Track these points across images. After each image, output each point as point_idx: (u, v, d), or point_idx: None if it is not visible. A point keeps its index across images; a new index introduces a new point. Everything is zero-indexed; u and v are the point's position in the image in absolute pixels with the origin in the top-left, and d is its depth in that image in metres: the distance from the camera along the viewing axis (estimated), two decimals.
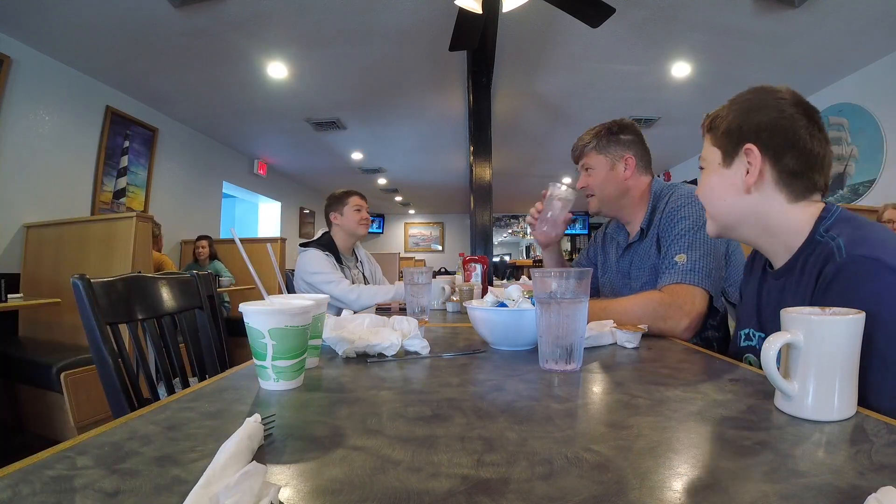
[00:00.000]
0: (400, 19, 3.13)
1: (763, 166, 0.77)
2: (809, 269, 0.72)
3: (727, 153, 0.81)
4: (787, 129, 0.76)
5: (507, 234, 13.55)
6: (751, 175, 0.77)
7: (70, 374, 2.28)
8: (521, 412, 0.56)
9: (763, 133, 0.77)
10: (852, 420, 0.52)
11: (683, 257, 1.15)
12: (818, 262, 0.70)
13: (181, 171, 4.93)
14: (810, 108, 0.77)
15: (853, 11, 2.92)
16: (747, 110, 0.79)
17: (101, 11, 2.85)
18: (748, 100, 0.80)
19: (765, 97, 0.79)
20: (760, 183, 0.78)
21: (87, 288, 0.94)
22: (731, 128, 0.80)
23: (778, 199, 0.77)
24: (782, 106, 0.77)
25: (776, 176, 0.77)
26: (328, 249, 2.20)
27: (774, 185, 0.77)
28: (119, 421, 0.53)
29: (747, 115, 0.78)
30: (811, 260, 0.72)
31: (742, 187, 0.79)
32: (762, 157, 0.77)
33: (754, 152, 0.77)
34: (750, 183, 0.78)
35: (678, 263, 1.16)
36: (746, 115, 0.79)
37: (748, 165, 0.78)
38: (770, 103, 0.78)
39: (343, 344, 0.87)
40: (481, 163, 4.52)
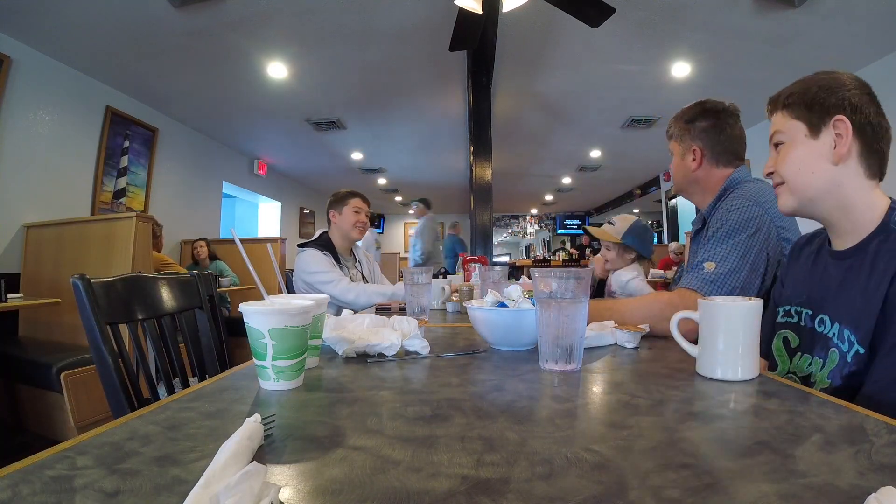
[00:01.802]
0: (400, 19, 3.13)
1: (853, 137, 0.78)
2: (887, 255, 0.73)
3: (813, 125, 0.81)
4: (866, 105, 0.78)
5: (507, 234, 13.55)
6: (842, 145, 0.78)
7: (70, 374, 2.28)
8: (521, 412, 0.56)
9: (848, 107, 0.78)
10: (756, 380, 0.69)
11: (712, 266, 1.12)
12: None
13: (181, 171, 4.93)
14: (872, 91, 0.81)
15: (853, 11, 2.92)
16: (827, 87, 0.81)
17: (101, 11, 2.85)
18: (823, 79, 0.82)
19: (837, 77, 0.81)
20: (848, 154, 0.79)
21: (87, 288, 0.94)
22: (816, 101, 0.81)
23: (859, 173, 0.79)
24: (855, 85, 0.80)
25: (859, 149, 0.79)
26: (326, 249, 2.19)
27: (858, 158, 0.79)
28: (119, 421, 0.53)
29: (829, 91, 0.80)
30: (886, 246, 0.74)
31: (831, 158, 0.79)
32: (852, 128, 0.78)
33: (846, 122, 0.78)
34: (842, 153, 0.78)
35: (705, 270, 1.12)
36: (829, 92, 0.80)
37: (836, 138, 0.79)
38: (845, 82, 0.80)
39: (343, 344, 0.87)
40: (481, 163, 4.52)
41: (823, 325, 0.82)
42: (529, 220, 13.15)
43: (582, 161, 7.07)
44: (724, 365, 0.70)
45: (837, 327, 0.78)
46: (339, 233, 2.30)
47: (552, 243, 12.94)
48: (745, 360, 0.70)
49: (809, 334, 0.85)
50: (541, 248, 13.35)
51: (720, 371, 0.70)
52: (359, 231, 2.31)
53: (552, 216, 12.32)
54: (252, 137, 5.67)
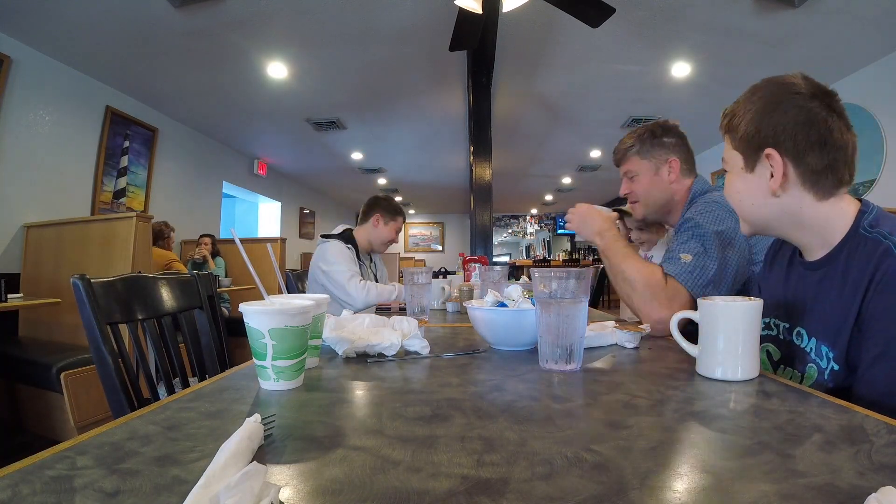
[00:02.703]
0: (400, 19, 3.13)
1: (786, 169, 0.75)
2: (859, 264, 0.71)
3: (748, 158, 0.79)
4: (808, 126, 0.73)
5: (507, 234, 13.55)
6: (774, 180, 0.76)
7: (70, 374, 2.28)
8: (521, 412, 0.56)
9: (782, 136, 0.74)
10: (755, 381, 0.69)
11: (689, 257, 1.13)
12: (871, 259, 0.69)
13: (181, 171, 4.93)
14: (828, 96, 0.75)
15: (853, 12, 2.92)
16: (763, 111, 0.76)
17: (101, 12, 2.85)
18: (763, 98, 0.77)
19: (781, 93, 0.76)
20: (786, 185, 0.76)
21: (87, 288, 0.94)
22: (750, 132, 0.77)
23: (806, 198, 0.76)
24: (799, 101, 0.74)
25: (801, 177, 0.75)
26: (350, 244, 2.24)
27: (801, 185, 0.75)
28: (119, 421, 0.53)
29: (764, 116, 0.76)
30: (858, 254, 0.72)
31: (768, 191, 0.77)
32: (783, 161, 0.75)
33: (775, 157, 0.75)
34: (774, 188, 0.76)
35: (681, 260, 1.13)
36: (763, 118, 0.76)
37: (771, 169, 0.76)
38: (786, 100, 0.75)
39: (343, 344, 0.87)
40: (481, 163, 4.52)
41: (801, 338, 0.80)
42: (529, 220, 13.16)
43: (582, 161, 7.07)
44: (724, 365, 0.70)
45: (815, 342, 0.77)
46: (368, 237, 2.34)
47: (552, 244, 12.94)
48: (745, 360, 0.70)
49: (788, 347, 0.84)
50: (541, 249, 13.35)
51: (720, 371, 0.70)
52: (386, 248, 2.40)
53: (552, 216, 12.32)
54: (252, 137, 5.67)
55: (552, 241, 12.99)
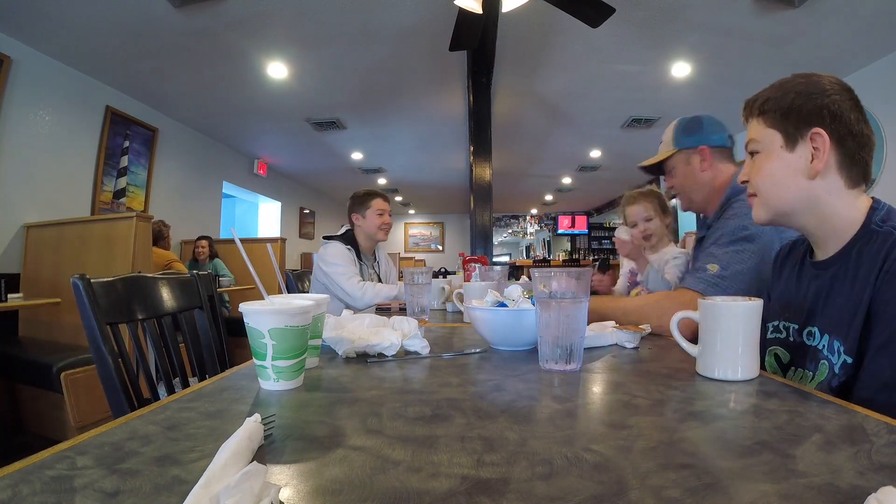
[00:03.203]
0: (400, 19, 3.13)
1: (830, 150, 0.75)
2: (869, 257, 0.72)
3: (789, 136, 0.78)
4: (846, 112, 0.75)
5: (507, 234, 13.56)
6: (819, 160, 0.75)
7: (70, 374, 2.28)
8: (521, 412, 0.56)
9: (828, 115, 0.75)
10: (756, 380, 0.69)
11: (716, 268, 1.11)
12: (882, 250, 0.70)
13: (181, 171, 4.93)
14: (855, 95, 0.77)
15: (853, 11, 2.92)
16: (806, 94, 0.77)
17: (101, 11, 2.85)
18: (801, 83, 0.78)
19: (816, 81, 0.77)
20: (825, 168, 0.76)
21: (87, 288, 0.94)
22: (793, 109, 0.77)
23: (838, 184, 0.76)
24: (835, 90, 0.76)
25: (839, 160, 0.76)
26: (350, 245, 2.25)
27: (837, 169, 0.76)
28: (119, 421, 0.53)
29: (807, 98, 0.76)
30: (868, 249, 0.72)
31: (807, 172, 0.76)
32: (830, 141, 0.75)
33: (823, 136, 0.75)
34: (819, 168, 0.75)
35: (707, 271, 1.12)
36: (807, 98, 0.76)
37: (814, 151, 0.76)
38: (824, 87, 0.76)
39: (343, 344, 0.87)
40: (481, 163, 4.52)
41: (812, 337, 0.80)
42: (529, 220, 13.16)
43: (582, 161, 7.07)
44: (724, 365, 0.70)
45: (827, 339, 0.77)
46: (363, 234, 2.33)
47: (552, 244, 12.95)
48: (745, 360, 0.70)
49: (799, 348, 0.84)
50: (541, 249, 13.35)
51: (720, 371, 0.70)
52: (384, 232, 2.34)
53: (552, 216, 12.32)
54: (252, 137, 5.67)
55: (552, 241, 12.99)
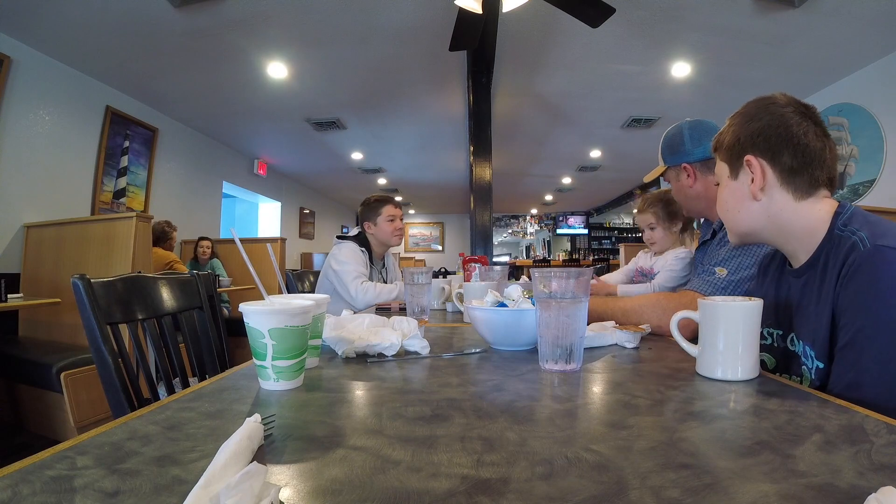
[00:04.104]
0: (400, 19, 3.13)
1: (764, 170, 0.80)
2: (832, 263, 0.74)
3: (732, 166, 0.85)
4: (780, 128, 0.79)
5: (507, 234, 13.55)
6: (756, 182, 0.81)
7: (70, 374, 2.28)
8: (521, 412, 0.56)
9: (758, 139, 0.80)
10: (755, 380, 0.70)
11: (724, 271, 1.13)
12: (840, 255, 0.72)
13: (181, 171, 4.93)
14: (805, 107, 0.81)
15: (853, 11, 2.91)
16: (743, 122, 0.83)
17: (101, 11, 2.85)
18: (743, 112, 0.85)
19: (757, 105, 0.83)
20: (766, 187, 0.80)
21: (87, 288, 0.94)
22: (732, 142, 0.84)
23: (785, 198, 0.80)
24: (773, 109, 0.81)
25: (778, 176, 0.80)
26: (364, 247, 2.26)
27: (779, 185, 0.80)
28: (119, 421, 0.53)
29: (743, 127, 0.83)
30: (833, 254, 0.74)
31: (750, 195, 0.82)
32: (761, 162, 0.80)
33: (753, 161, 0.80)
34: (755, 189, 0.81)
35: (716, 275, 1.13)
36: (742, 128, 0.83)
37: (751, 174, 0.81)
38: (762, 108, 0.82)
39: (343, 344, 0.87)
40: (481, 163, 4.52)
41: (794, 344, 0.83)
42: (529, 220, 13.16)
43: (582, 161, 7.07)
44: (724, 365, 0.70)
45: (802, 345, 0.80)
46: (376, 241, 2.34)
47: (552, 244, 12.95)
48: (745, 360, 0.70)
49: (783, 354, 0.86)
50: (541, 249, 13.35)
51: (720, 371, 0.70)
52: (398, 238, 2.35)
53: (552, 216, 12.33)
54: (252, 137, 5.67)
55: (552, 241, 13.00)
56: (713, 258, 1.19)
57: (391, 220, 2.31)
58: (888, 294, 0.66)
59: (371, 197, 2.37)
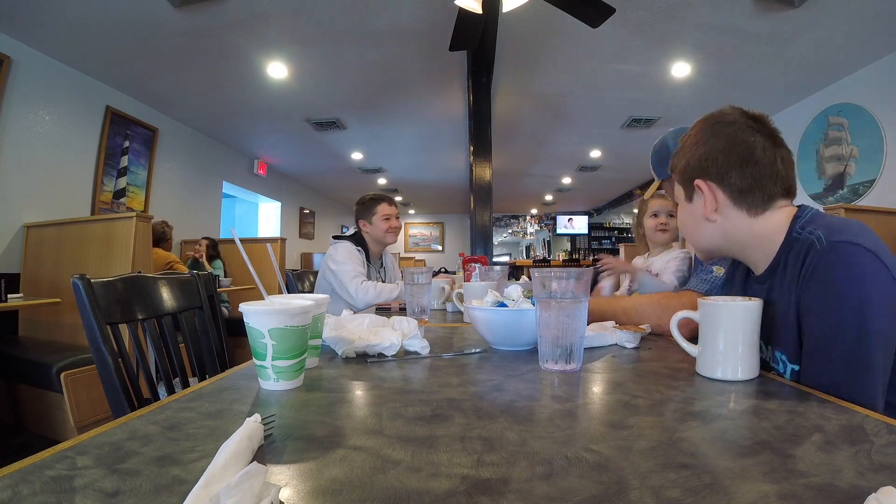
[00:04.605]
0: (400, 19, 3.13)
1: (714, 193, 0.81)
2: (792, 264, 0.74)
3: (686, 190, 0.87)
4: (728, 150, 0.80)
5: (507, 234, 13.56)
6: (707, 205, 0.82)
7: (70, 374, 2.28)
8: (521, 412, 0.56)
9: (705, 163, 0.82)
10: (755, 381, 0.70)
11: (721, 270, 1.12)
12: (800, 256, 0.73)
13: (181, 171, 4.93)
14: (755, 119, 0.81)
15: (853, 11, 2.91)
16: (692, 146, 0.85)
17: (101, 11, 2.85)
18: (693, 135, 0.86)
19: (707, 127, 0.84)
20: (719, 208, 0.82)
21: (87, 288, 0.94)
22: (683, 167, 0.86)
23: (739, 216, 0.81)
24: (718, 129, 0.82)
25: (729, 196, 0.81)
26: (360, 246, 2.26)
27: (732, 204, 0.81)
28: (119, 421, 0.53)
29: (692, 151, 0.84)
30: (792, 256, 0.75)
31: (703, 217, 0.84)
32: (709, 186, 0.82)
33: (702, 185, 0.82)
34: (709, 211, 0.82)
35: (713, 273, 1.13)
36: (692, 152, 0.85)
37: (704, 196, 0.83)
38: (709, 129, 0.83)
39: (343, 344, 0.87)
40: (481, 163, 4.52)
41: (763, 350, 0.82)
42: (529, 220, 13.16)
43: (582, 161, 7.07)
44: (724, 365, 0.70)
45: (771, 350, 0.80)
46: (371, 239, 2.34)
47: (552, 244, 12.95)
48: (745, 360, 0.70)
49: None
50: (541, 249, 13.36)
51: (720, 371, 0.70)
52: (392, 235, 2.35)
53: (552, 216, 12.33)
54: (252, 137, 5.67)
55: (552, 241, 13.00)
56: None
57: (386, 219, 2.30)
58: (846, 289, 0.66)
59: (366, 196, 2.37)
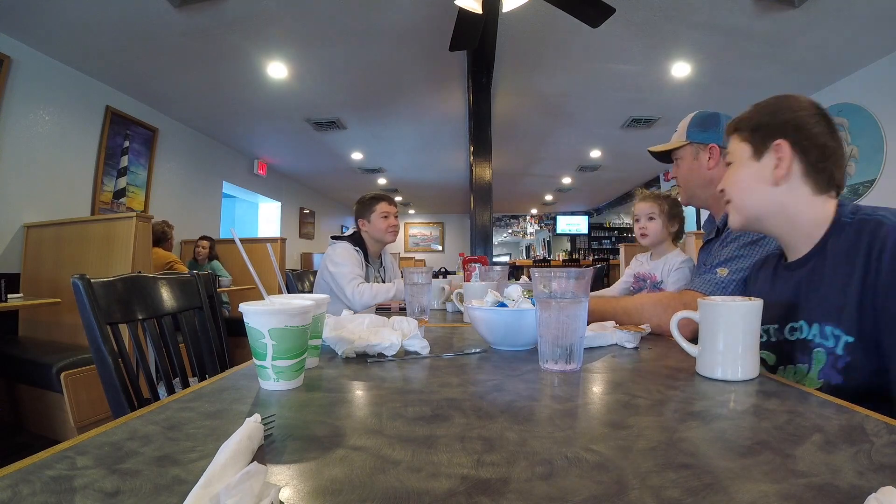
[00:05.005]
0: (400, 19, 3.13)
1: (792, 158, 0.82)
2: (846, 245, 0.76)
3: (756, 148, 0.86)
4: (811, 126, 0.82)
5: (507, 234, 13.56)
6: (780, 168, 0.83)
7: (70, 374, 2.28)
8: (521, 412, 0.56)
9: (789, 129, 0.83)
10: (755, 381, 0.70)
11: (725, 271, 1.12)
12: (861, 235, 0.75)
13: (181, 171, 4.93)
14: (826, 113, 0.85)
15: (853, 11, 2.91)
16: (773, 111, 0.86)
17: (101, 11, 2.85)
18: (772, 103, 0.87)
19: (784, 100, 0.86)
20: (788, 175, 0.83)
21: (87, 288, 0.94)
22: (760, 124, 0.86)
23: (803, 190, 0.83)
24: (803, 105, 0.84)
25: (802, 168, 0.82)
26: (359, 246, 2.25)
27: (801, 177, 0.83)
28: (119, 421, 0.53)
29: (774, 114, 0.85)
30: (843, 238, 0.77)
31: (772, 180, 0.84)
32: (790, 149, 0.82)
33: (784, 147, 0.82)
34: (780, 175, 0.83)
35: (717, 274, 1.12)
36: (773, 115, 0.85)
37: (777, 160, 0.83)
38: (792, 105, 0.85)
39: (343, 344, 0.87)
40: (481, 163, 4.52)
41: (798, 331, 0.83)
42: (529, 220, 13.16)
43: (582, 161, 7.07)
44: (724, 365, 0.70)
45: (817, 327, 0.80)
46: (371, 238, 2.33)
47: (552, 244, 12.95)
48: (745, 360, 0.70)
49: (784, 346, 0.86)
50: (541, 249, 13.35)
51: (720, 371, 0.70)
52: (392, 234, 2.34)
53: (552, 216, 12.33)
54: (252, 137, 5.67)
55: (552, 241, 12.99)
56: (716, 258, 1.18)
57: (385, 217, 2.30)
58: None
59: (365, 195, 2.37)
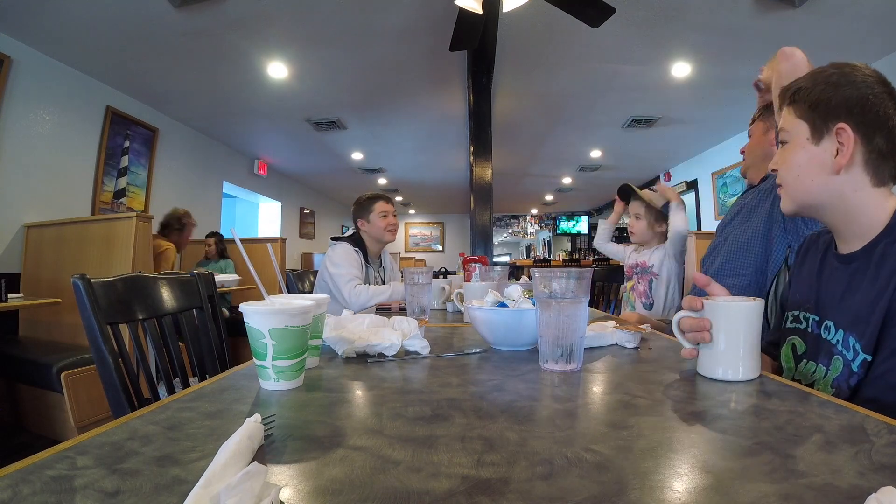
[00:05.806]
0: (400, 19, 3.13)
1: (855, 145, 0.73)
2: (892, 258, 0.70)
3: (816, 128, 0.76)
4: (878, 106, 0.72)
5: (508, 234, 13.55)
6: (842, 156, 0.73)
7: (70, 374, 2.28)
8: (521, 412, 0.56)
9: (854, 109, 0.73)
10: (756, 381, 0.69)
11: None
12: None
13: (181, 171, 4.92)
14: (893, 88, 0.74)
15: (853, 11, 2.91)
16: (836, 84, 0.75)
17: (101, 11, 2.85)
18: (834, 73, 0.76)
19: (851, 72, 0.75)
20: (850, 164, 0.74)
21: (87, 288, 0.94)
22: (821, 101, 0.75)
23: (864, 180, 0.74)
24: (870, 83, 0.74)
25: (866, 156, 0.73)
26: (358, 247, 2.25)
27: (863, 165, 0.74)
28: (119, 421, 0.53)
29: (836, 89, 0.75)
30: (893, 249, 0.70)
31: (832, 167, 0.75)
32: (855, 135, 0.73)
33: (847, 132, 0.73)
34: (842, 164, 0.73)
35: None
36: (835, 90, 0.75)
37: (839, 146, 0.74)
38: (857, 79, 0.74)
39: (343, 344, 0.87)
40: (481, 163, 4.52)
41: (828, 331, 0.78)
42: (530, 220, 13.16)
43: (582, 161, 7.06)
44: (725, 365, 0.70)
45: (842, 334, 0.75)
46: (369, 238, 2.34)
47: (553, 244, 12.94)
48: (746, 361, 0.70)
49: (815, 341, 0.82)
50: (541, 249, 13.35)
51: (721, 371, 0.70)
52: (391, 233, 2.34)
53: (552, 216, 12.32)
54: (252, 137, 5.66)
55: (552, 241, 12.99)
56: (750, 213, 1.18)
57: (384, 216, 2.30)
58: None
59: (363, 195, 2.37)
